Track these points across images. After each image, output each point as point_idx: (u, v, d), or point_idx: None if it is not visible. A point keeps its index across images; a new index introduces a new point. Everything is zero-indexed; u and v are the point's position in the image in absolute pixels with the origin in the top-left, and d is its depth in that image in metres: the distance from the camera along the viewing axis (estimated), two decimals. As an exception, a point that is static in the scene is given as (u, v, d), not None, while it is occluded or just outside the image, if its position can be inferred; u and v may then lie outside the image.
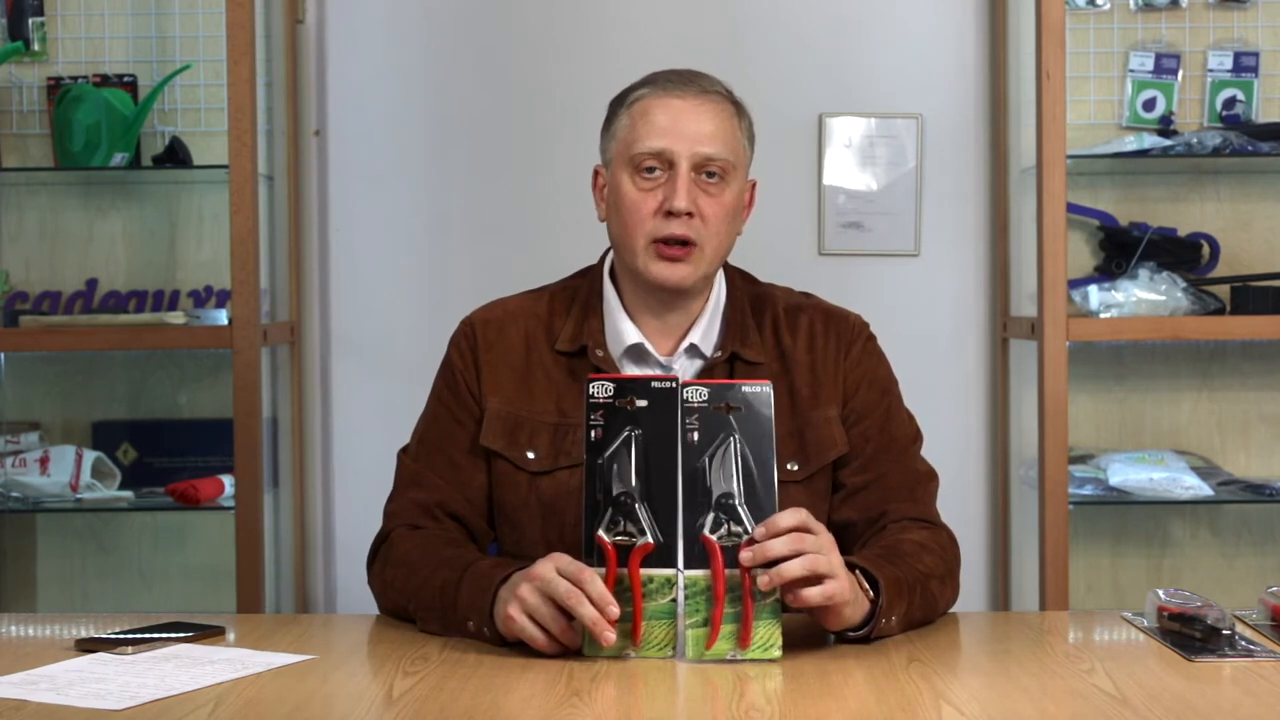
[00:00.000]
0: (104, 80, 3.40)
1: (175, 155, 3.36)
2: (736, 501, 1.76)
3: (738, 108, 2.14)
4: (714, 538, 1.75)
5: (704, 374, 2.10)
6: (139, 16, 3.47)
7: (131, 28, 3.48)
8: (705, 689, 1.66)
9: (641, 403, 1.79)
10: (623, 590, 1.75)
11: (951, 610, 2.03)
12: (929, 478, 2.13)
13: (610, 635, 1.72)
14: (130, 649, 1.81)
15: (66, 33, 3.47)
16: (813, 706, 1.56)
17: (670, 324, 2.14)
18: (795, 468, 2.07)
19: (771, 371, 2.10)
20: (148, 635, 1.86)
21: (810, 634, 1.84)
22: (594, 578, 1.73)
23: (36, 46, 3.44)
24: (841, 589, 1.76)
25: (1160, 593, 1.91)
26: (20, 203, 3.50)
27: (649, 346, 2.12)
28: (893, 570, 1.88)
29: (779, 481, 2.02)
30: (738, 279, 2.21)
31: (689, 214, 2.05)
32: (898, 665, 1.73)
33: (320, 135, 3.58)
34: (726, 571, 1.74)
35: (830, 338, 2.16)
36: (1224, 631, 1.79)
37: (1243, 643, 1.80)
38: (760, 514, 1.75)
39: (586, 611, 1.72)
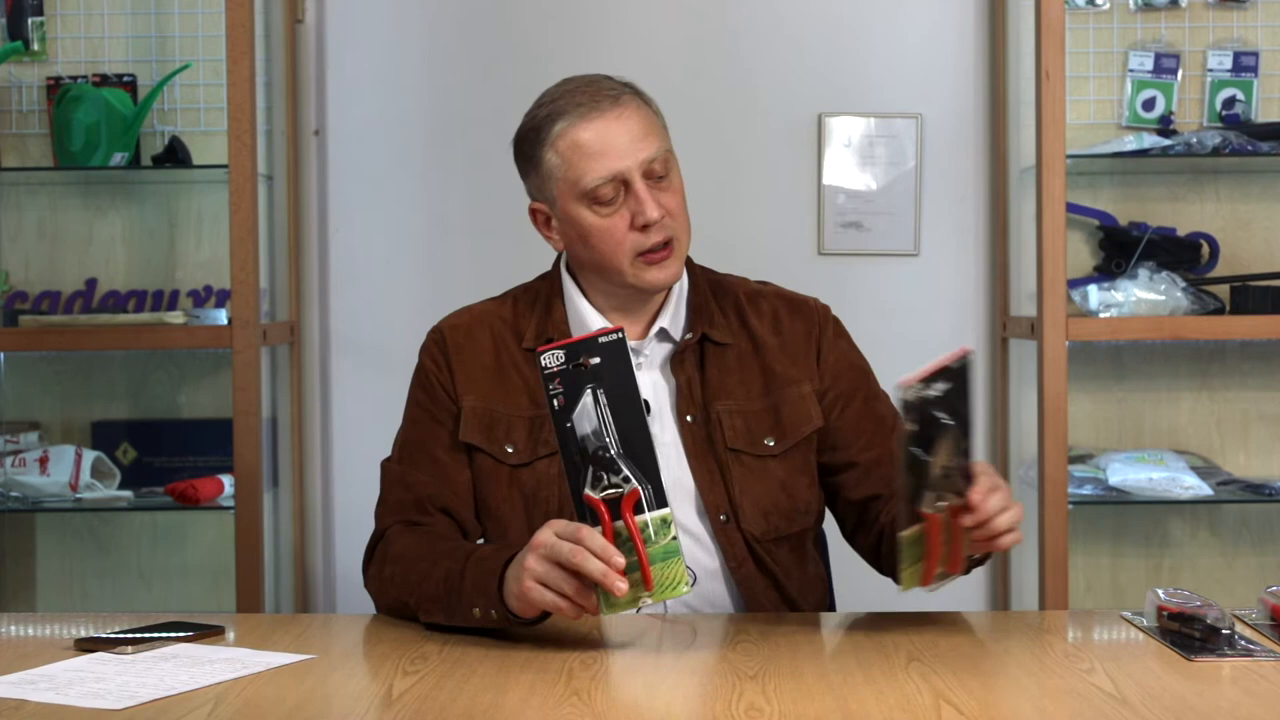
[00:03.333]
0: (103, 80, 3.40)
1: (175, 155, 3.36)
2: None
3: (643, 96, 2.16)
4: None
5: (674, 356, 2.15)
6: (139, 16, 3.47)
7: (131, 27, 3.48)
8: (705, 688, 1.66)
9: (594, 360, 1.80)
10: (623, 541, 1.76)
11: (950, 609, 2.05)
12: None
13: (621, 584, 1.74)
14: (130, 649, 1.81)
15: (66, 32, 3.47)
16: (813, 706, 1.56)
17: (634, 313, 2.18)
18: (772, 443, 2.13)
19: (742, 351, 2.17)
20: (147, 635, 1.87)
21: (812, 634, 1.84)
22: (591, 533, 1.75)
23: (36, 46, 3.44)
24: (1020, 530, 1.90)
25: (1160, 592, 1.91)
26: (20, 202, 3.50)
27: None
28: None
29: (758, 456, 2.11)
30: (696, 267, 2.25)
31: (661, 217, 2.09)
32: (897, 665, 1.74)
33: (320, 135, 3.58)
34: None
35: (797, 321, 2.21)
36: (1223, 631, 1.80)
37: (1242, 642, 1.80)
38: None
39: (594, 566, 1.74)
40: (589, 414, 1.79)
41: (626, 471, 1.77)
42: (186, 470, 3.41)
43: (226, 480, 3.26)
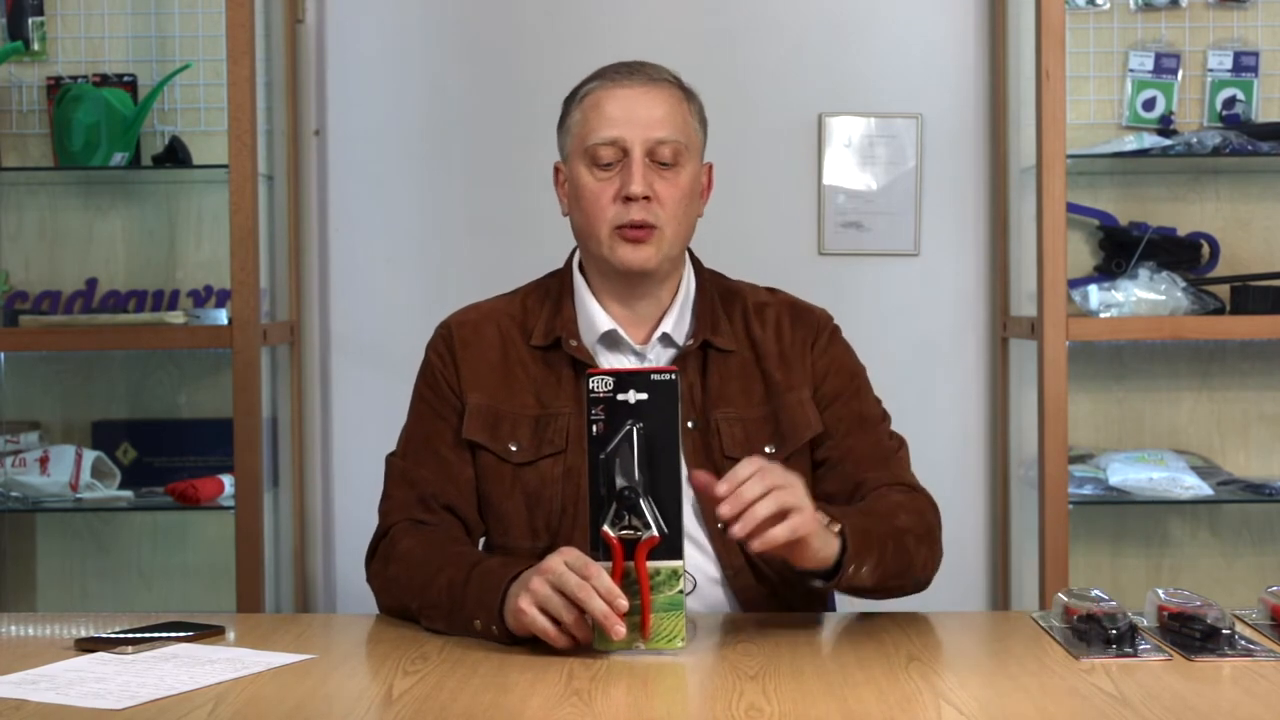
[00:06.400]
0: (104, 80, 3.39)
1: (175, 155, 3.36)
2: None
3: (686, 93, 2.19)
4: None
5: (676, 361, 2.14)
6: (139, 16, 3.47)
7: (131, 27, 3.47)
8: (705, 688, 1.66)
9: (641, 395, 1.80)
10: (630, 583, 1.77)
11: (950, 609, 2.04)
12: (899, 446, 2.19)
13: (620, 629, 1.74)
14: (130, 649, 1.81)
15: (66, 32, 3.47)
16: (813, 706, 1.56)
17: (640, 313, 2.17)
18: (772, 450, 2.12)
19: (744, 360, 2.17)
20: (147, 635, 1.87)
21: (812, 634, 1.84)
22: (600, 572, 1.76)
23: (36, 46, 3.43)
24: (806, 520, 1.80)
25: (1160, 592, 1.91)
26: (20, 202, 3.50)
27: (622, 333, 2.16)
28: (863, 521, 1.94)
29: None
30: (706, 273, 2.25)
31: (646, 198, 2.09)
32: (898, 665, 1.74)
33: (320, 135, 3.57)
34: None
35: (798, 329, 2.21)
36: (1224, 631, 1.79)
37: (1242, 642, 1.80)
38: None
39: (596, 605, 1.74)
40: (623, 451, 1.79)
41: (649, 516, 1.78)
42: (186, 470, 3.40)
43: (226, 480, 3.26)
